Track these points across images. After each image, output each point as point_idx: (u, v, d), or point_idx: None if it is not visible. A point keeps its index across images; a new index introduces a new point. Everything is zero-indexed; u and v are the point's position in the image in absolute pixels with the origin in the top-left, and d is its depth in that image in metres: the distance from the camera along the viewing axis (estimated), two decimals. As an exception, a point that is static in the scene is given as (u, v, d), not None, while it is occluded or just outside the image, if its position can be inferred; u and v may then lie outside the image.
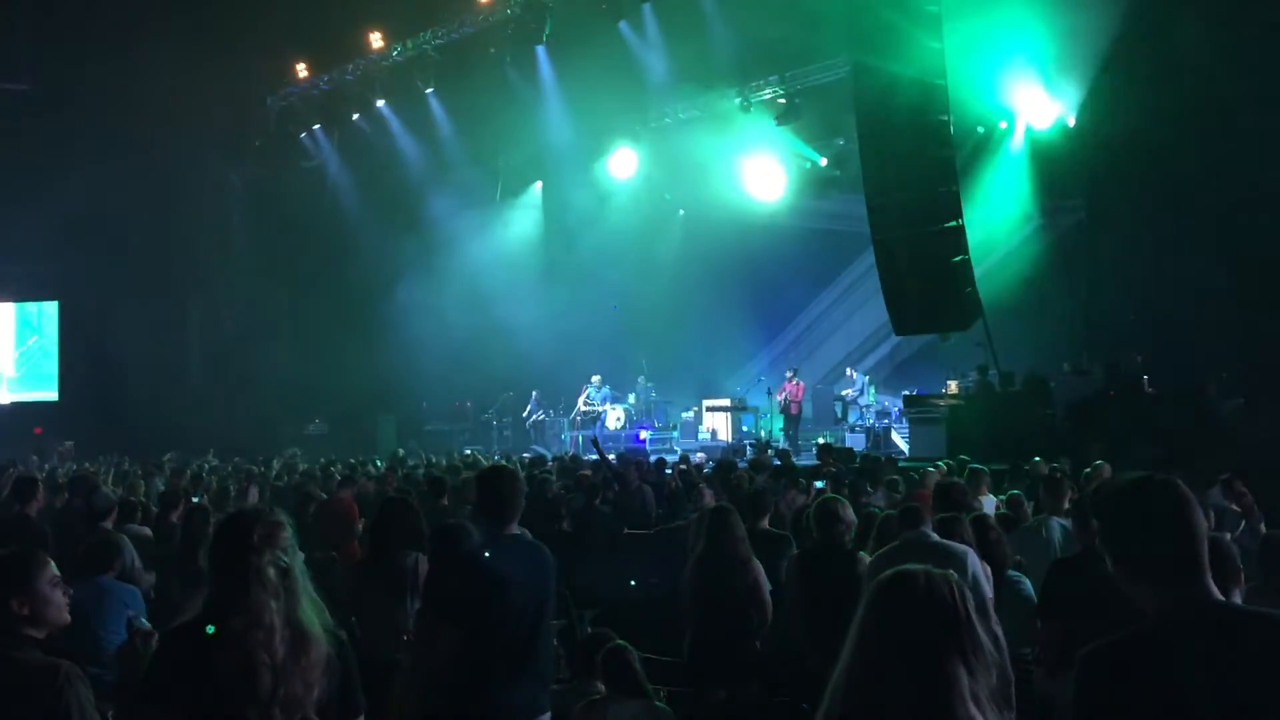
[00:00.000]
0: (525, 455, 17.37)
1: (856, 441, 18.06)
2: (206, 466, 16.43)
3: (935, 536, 5.07)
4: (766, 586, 5.90)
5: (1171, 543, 2.32)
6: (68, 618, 3.37)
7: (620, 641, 5.03)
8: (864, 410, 19.13)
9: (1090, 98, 17.19)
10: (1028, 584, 5.40)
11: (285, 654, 2.59)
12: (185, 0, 20.02)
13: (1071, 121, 17.59)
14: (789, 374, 19.70)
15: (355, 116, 23.43)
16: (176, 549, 7.43)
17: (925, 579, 2.14)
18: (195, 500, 9.89)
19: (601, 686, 4.93)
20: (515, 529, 4.36)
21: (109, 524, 7.36)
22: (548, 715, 4.26)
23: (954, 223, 14.01)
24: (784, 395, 19.37)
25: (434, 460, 16.20)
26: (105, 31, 20.13)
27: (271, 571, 2.66)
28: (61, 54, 21.49)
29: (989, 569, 5.17)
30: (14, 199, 23.27)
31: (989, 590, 4.89)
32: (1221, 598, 2.35)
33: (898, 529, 5.35)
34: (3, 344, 27.27)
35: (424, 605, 4.53)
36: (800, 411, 19.40)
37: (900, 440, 17.68)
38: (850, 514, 5.85)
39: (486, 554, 4.30)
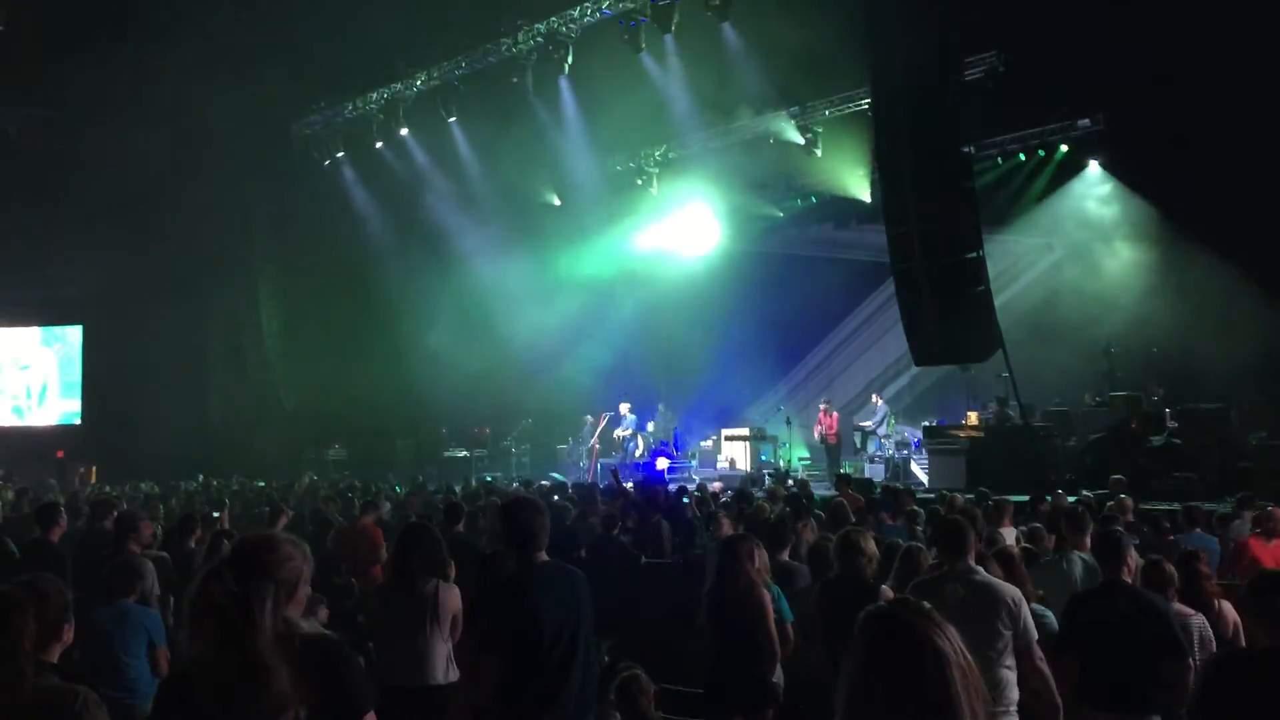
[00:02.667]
0: (544, 483, 17.38)
1: (876, 472, 18.00)
2: (230, 489, 16.54)
3: (983, 573, 4.96)
4: (786, 617, 5.88)
5: None
6: (71, 636, 3.42)
7: (632, 671, 5.04)
8: (883, 441, 19.05)
9: (1111, 126, 17.23)
10: (1051, 618, 5.36)
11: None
12: (210, 26, 20.20)
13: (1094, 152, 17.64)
14: (823, 405, 19.62)
15: (379, 145, 23.62)
16: (195, 574, 7.45)
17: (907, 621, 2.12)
18: (216, 516, 9.96)
19: (617, 716, 4.94)
20: (544, 556, 4.36)
21: (136, 546, 7.38)
22: None
23: (975, 253, 13.99)
24: (820, 428, 19.29)
25: (453, 487, 16.22)
26: (128, 56, 20.34)
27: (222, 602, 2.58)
28: (84, 79, 21.73)
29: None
30: (38, 223, 23.54)
31: (1035, 633, 4.80)
32: None
33: (941, 559, 5.25)
34: (48, 366, 27.47)
35: (465, 637, 4.55)
36: (839, 441, 19.28)
37: (920, 471, 17.59)
38: (872, 546, 5.83)
39: (518, 583, 4.31)
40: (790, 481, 16.02)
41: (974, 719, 2.01)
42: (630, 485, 15.23)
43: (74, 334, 27.49)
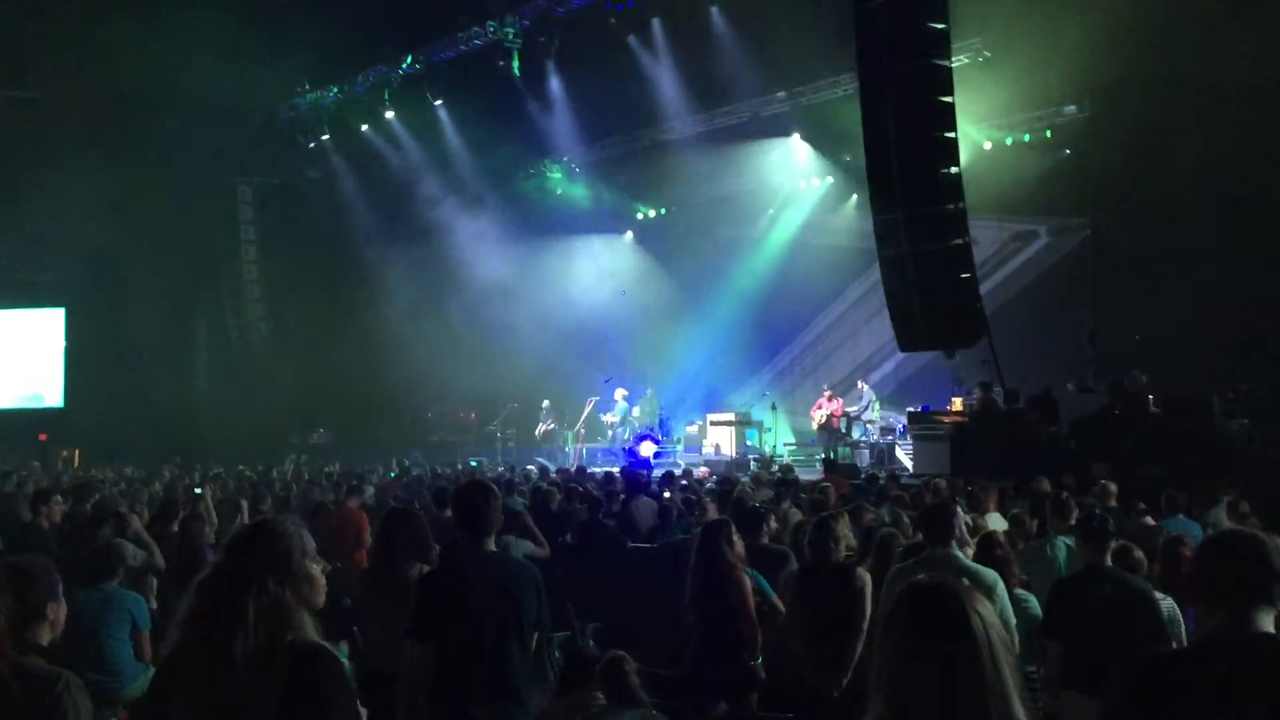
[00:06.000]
0: (529, 468, 17.40)
1: (861, 458, 18.04)
2: (209, 474, 16.48)
3: (963, 558, 5.01)
4: (768, 593, 5.92)
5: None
6: (60, 617, 3.42)
7: (616, 652, 5.05)
8: (868, 426, 19.08)
9: (1097, 113, 17.28)
10: (1034, 602, 5.40)
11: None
12: (195, 8, 20.07)
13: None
14: (827, 392, 19.60)
15: (364, 128, 23.53)
16: (174, 557, 7.47)
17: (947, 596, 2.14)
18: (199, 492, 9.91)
19: (601, 698, 4.94)
20: (491, 544, 4.32)
21: (108, 530, 7.38)
22: None
23: (960, 240, 14.02)
24: (821, 413, 19.29)
25: (439, 471, 16.21)
26: (113, 38, 20.16)
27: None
28: (69, 60, 21.54)
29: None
30: (22, 205, 23.35)
31: (1011, 620, 4.85)
32: (1269, 630, 2.40)
33: (924, 543, 5.29)
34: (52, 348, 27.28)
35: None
36: (838, 426, 19.26)
37: (905, 457, 17.64)
38: (847, 531, 5.88)
39: (449, 572, 4.31)
40: (775, 467, 16.06)
41: (1015, 690, 2.05)
42: (616, 470, 15.28)
43: (56, 317, 27.28)
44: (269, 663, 2.47)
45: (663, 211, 24.31)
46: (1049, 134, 18.24)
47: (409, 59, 21.98)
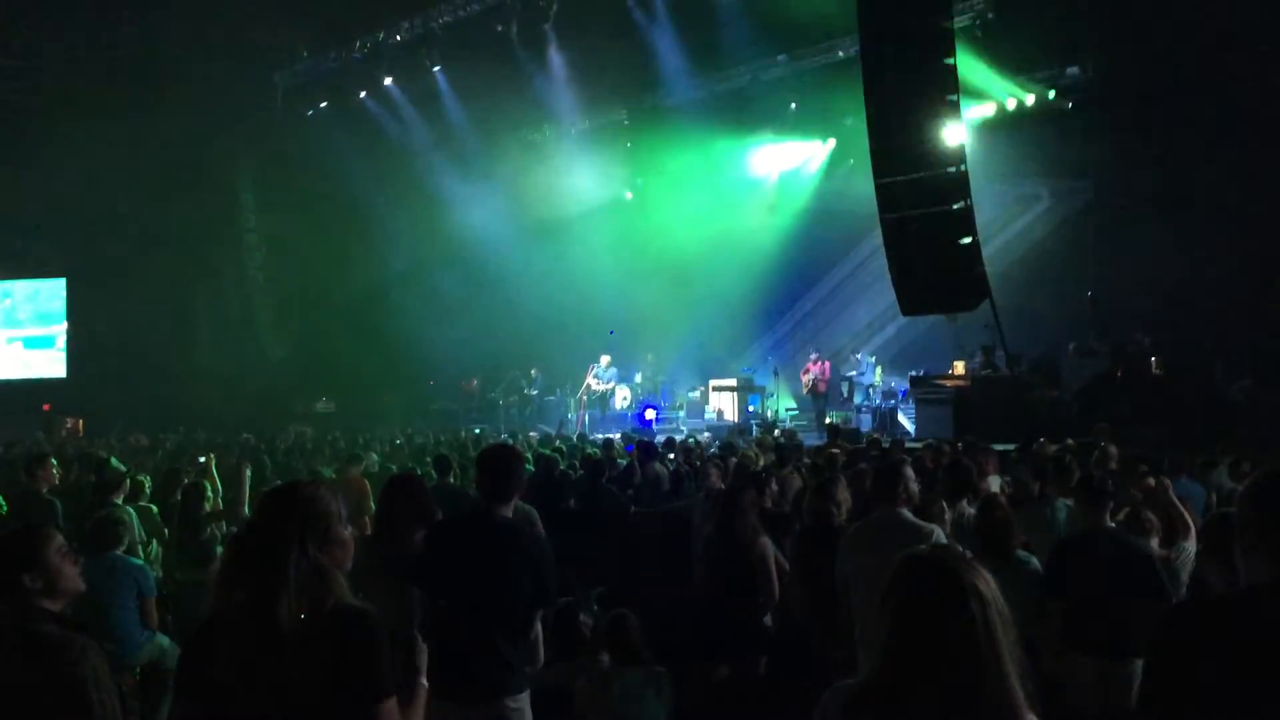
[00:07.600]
0: (532, 434, 17.43)
1: (863, 423, 18.08)
2: (214, 443, 16.50)
3: (907, 515, 5.01)
4: (773, 564, 5.94)
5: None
6: (83, 586, 3.34)
7: (620, 610, 5.08)
8: (870, 391, 19.09)
9: (1099, 75, 17.16)
10: (1035, 563, 5.41)
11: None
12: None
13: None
14: (813, 356, 19.68)
15: (363, 94, 23.40)
16: (176, 526, 7.51)
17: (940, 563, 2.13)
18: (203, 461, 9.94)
19: (605, 659, 4.98)
20: (507, 510, 4.29)
21: (119, 498, 7.41)
22: (521, 696, 4.11)
23: (962, 204, 13.96)
24: (809, 376, 19.34)
25: (441, 438, 16.23)
26: (110, 6, 20.02)
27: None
28: (66, 28, 21.39)
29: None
30: (21, 176, 23.28)
31: None
32: None
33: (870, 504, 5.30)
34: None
35: None
36: (827, 390, 19.32)
37: (907, 421, 17.66)
38: (845, 494, 5.90)
39: (449, 526, 4.33)
40: (777, 431, 16.09)
41: (1012, 662, 2.04)
42: (618, 436, 15.31)
43: (57, 287, 27.29)
44: (316, 628, 2.46)
45: (661, 176, 24.18)
46: (1052, 95, 18.11)
47: (406, 25, 21.84)
